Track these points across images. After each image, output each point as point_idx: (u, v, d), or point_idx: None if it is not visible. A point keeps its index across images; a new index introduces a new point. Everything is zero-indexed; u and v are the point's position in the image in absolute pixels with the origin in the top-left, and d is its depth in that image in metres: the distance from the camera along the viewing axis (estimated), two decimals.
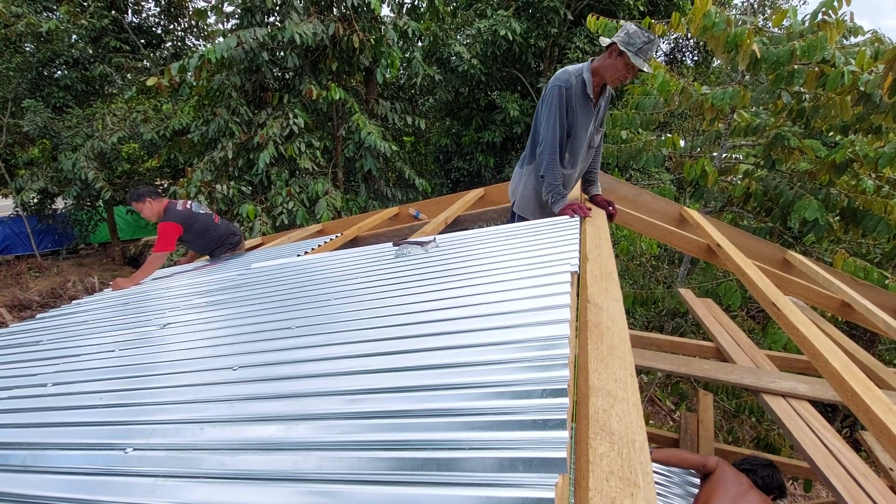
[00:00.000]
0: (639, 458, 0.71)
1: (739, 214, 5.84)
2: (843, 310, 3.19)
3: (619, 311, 1.27)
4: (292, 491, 0.74)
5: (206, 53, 7.15)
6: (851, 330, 5.51)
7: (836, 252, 4.75)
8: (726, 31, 4.23)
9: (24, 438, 1.14)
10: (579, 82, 2.31)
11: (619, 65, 2.20)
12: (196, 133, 8.46)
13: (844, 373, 1.43)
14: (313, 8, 8.10)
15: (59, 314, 2.54)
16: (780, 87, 4.45)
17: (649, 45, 2.12)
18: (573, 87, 2.30)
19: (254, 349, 1.34)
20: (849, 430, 5.69)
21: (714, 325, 3.81)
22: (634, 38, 2.11)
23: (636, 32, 2.11)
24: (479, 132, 11.52)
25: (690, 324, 7.33)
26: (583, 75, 2.31)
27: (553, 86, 2.31)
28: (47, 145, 11.71)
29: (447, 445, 0.74)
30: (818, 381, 2.76)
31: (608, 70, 2.26)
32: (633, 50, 2.12)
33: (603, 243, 1.88)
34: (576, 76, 2.31)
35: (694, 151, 6.61)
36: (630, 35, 2.12)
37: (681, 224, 3.60)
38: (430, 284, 1.55)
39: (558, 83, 2.30)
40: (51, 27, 10.35)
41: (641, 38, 2.11)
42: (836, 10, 4.14)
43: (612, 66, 2.23)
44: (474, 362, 0.97)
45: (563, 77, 2.30)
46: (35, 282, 11.96)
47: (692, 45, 14.08)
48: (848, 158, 4.51)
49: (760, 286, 2.15)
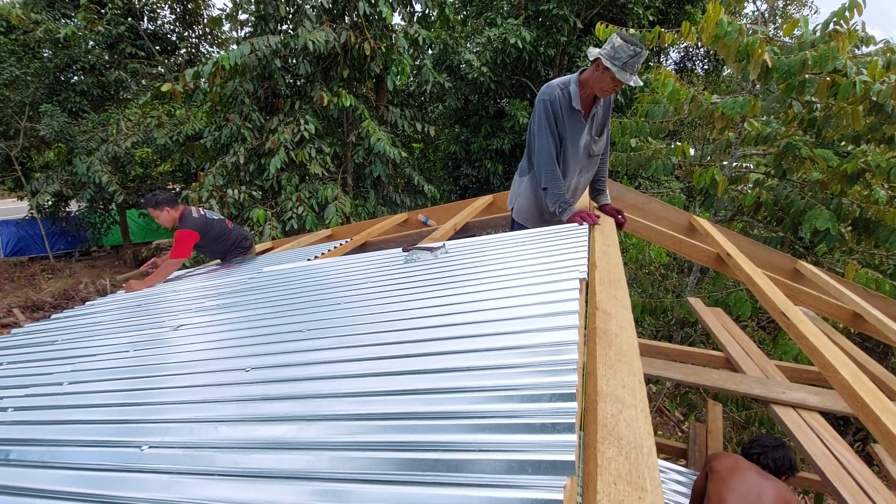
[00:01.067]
0: (646, 462, 0.72)
1: (750, 224, 5.81)
2: (854, 321, 3.15)
3: (627, 318, 1.27)
4: (304, 490, 0.75)
5: (220, 60, 7.27)
6: (863, 341, 5.44)
7: (847, 263, 4.70)
8: (738, 40, 4.23)
9: (42, 435, 1.17)
10: (565, 95, 2.33)
11: (605, 78, 2.20)
12: (209, 138, 8.58)
13: (856, 384, 1.42)
14: (326, 16, 8.21)
15: (74, 315, 2.59)
16: (791, 96, 4.44)
17: (636, 58, 2.09)
18: (558, 99, 2.32)
19: (266, 351, 1.36)
20: (860, 442, 5.60)
21: (724, 334, 3.78)
22: (620, 52, 2.09)
23: (622, 46, 2.09)
24: (488, 139, 11.56)
25: (700, 333, 7.26)
26: (569, 88, 2.33)
27: (539, 100, 2.35)
28: (63, 149, 11.93)
29: (457, 447, 0.75)
30: (829, 393, 2.73)
31: (595, 83, 2.26)
32: (619, 64, 2.10)
33: (612, 251, 1.89)
34: (561, 89, 2.33)
35: (704, 160, 6.58)
36: (616, 49, 2.10)
37: (690, 233, 3.59)
38: (440, 289, 1.56)
39: (543, 97, 2.33)
40: (68, 33, 10.58)
41: (627, 52, 2.08)
42: (847, 20, 4.12)
43: (598, 79, 2.23)
44: (483, 366, 0.98)
45: (548, 91, 2.33)
46: (48, 283, 12.14)
47: (702, 53, 14.06)
48: (860, 168, 4.48)
49: (771, 296, 2.14)
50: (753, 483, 2.18)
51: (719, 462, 2.36)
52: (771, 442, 2.47)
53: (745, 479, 2.21)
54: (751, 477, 2.22)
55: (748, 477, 2.22)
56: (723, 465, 2.32)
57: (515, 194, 2.73)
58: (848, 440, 5.10)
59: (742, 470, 2.26)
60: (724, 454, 2.46)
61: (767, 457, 2.37)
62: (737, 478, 2.22)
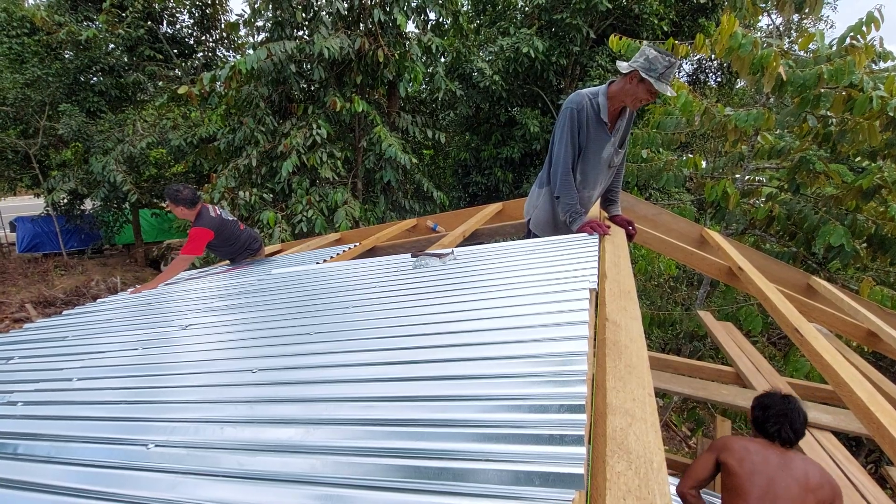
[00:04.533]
0: (656, 478, 0.71)
1: (762, 238, 5.74)
2: (869, 339, 3.09)
3: (637, 329, 1.26)
4: (308, 494, 0.75)
5: (237, 64, 7.36)
6: (878, 361, 5.33)
7: (862, 280, 4.62)
8: (752, 52, 4.21)
9: (50, 430, 1.17)
10: (594, 106, 2.31)
11: (640, 91, 2.17)
12: (222, 141, 8.69)
13: (871, 404, 1.39)
14: (341, 23, 8.30)
15: (85, 311, 2.61)
16: (805, 110, 4.40)
17: (671, 68, 2.10)
18: (586, 109, 2.30)
19: (273, 353, 1.36)
20: (874, 465, 5.47)
21: (734, 349, 3.73)
22: (655, 63, 2.08)
23: (656, 58, 2.08)
24: (498, 147, 11.58)
25: (709, 347, 7.18)
26: (598, 99, 2.30)
27: (565, 108, 2.33)
28: (80, 148, 12.14)
29: (462, 456, 0.75)
30: (842, 412, 2.67)
31: (628, 95, 2.23)
32: (655, 76, 2.09)
33: (622, 262, 1.87)
34: (590, 99, 2.31)
35: (716, 172, 6.54)
36: (650, 61, 2.09)
37: (701, 245, 3.55)
38: (448, 296, 1.56)
39: (571, 106, 2.30)
40: (90, 35, 10.80)
41: (663, 63, 2.08)
42: (864, 35, 4.09)
43: (632, 91, 2.21)
44: (491, 374, 0.97)
45: (576, 100, 2.31)
46: (60, 279, 12.29)
47: (715, 66, 14.00)
48: (876, 184, 4.42)
49: (783, 311, 2.11)
50: (784, 479, 1.84)
51: (731, 456, 1.98)
52: (783, 406, 2.05)
53: (774, 482, 1.86)
54: (776, 472, 1.87)
55: (776, 477, 1.86)
56: (741, 467, 1.93)
57: (533, 206, 2.72)
58: (860, 461, 4.98)
59: (765, 470, 1.89)
60: (736, 444, 2.02)
61: (791, 429, 1.99)
62: (761, 483, 1.86)
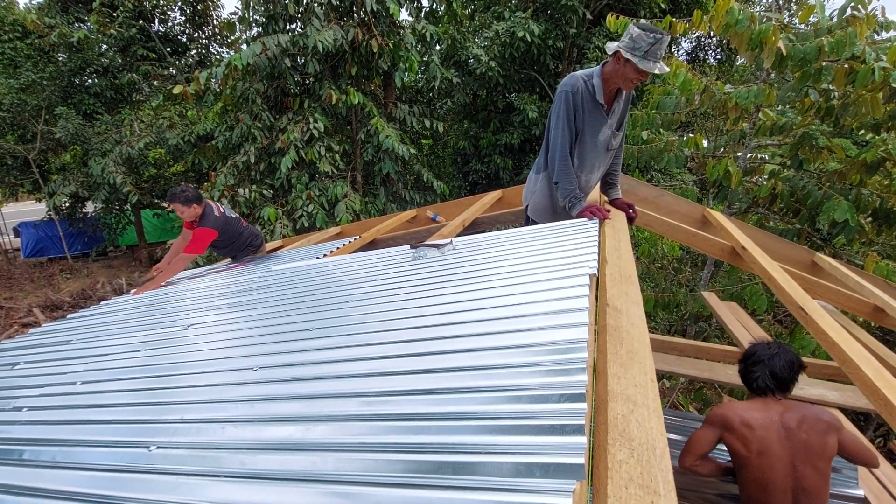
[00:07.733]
0: (659, 465, 0.70)
1: (765, 216, 5.70)
2: (875, 314, 3.07)
3: (639, 314, 1.25)
4: (310, 491, 0.74)
5: (232, 60, 7.30)
6: (885, 335, 5.31)
7: (867, 255, 4.59)
8: (750, 28, 4.13)
9: (55, 435, 1.18)
10: (589, 88, 2.26)
11: (628, 71, 2.11)
12: (220, 139, 8.66)
13: (877, 380, 1.38)
14: (333, 14, 8.21)
15: (89, 314, 2.62)
16: (807, 84, 4.33)
17: (657, 45, 2.00)
18: (581, 91, 2.25)
19: (274, 350, 1.36)
20: (882, 438, 5.48)
21: (739, 329, 3.72)
22: (639, 41, 2.00)
23: (640, 35, 2.00)
24: (497, 134, 11.49)
25: (714, 328, 7.17)
26: (593, 80, 2.26)
27: (560, 91, 2.28)
28: (78, 151, 12.14)
29: (463, 449, 0.74)
30: (849, 389, 2.67)
31: (618, 76, 2.18)
32: (640, 54, 2.02)
33: (622, 246, 1.85)
34: (585, 81, 2.26)
35: (717, 152, 6.47)
36: (634, 39, 2.02)
37: (704, 226, 3.52)
38: (447, 287, 1.55)
39: (566, 88, 2.26)
40: (81, 37, 10.73)
41: (647, 41, 1.99)
42: (865, 5, 4.01)
43: (620, 72, 2.15)
44: (491, 365, 0.97)
45: (571, 82, 2.26)
46: (66, 283, 12.38)
47: (715, 43, 13.79)
48: (880, 157, 4.36)
49: (787, 289, 2.09)
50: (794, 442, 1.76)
51: (735, 436, 1.84)
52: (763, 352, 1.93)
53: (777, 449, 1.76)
54: (778, 436, 1.78)
55: (776, 444, 1.77)
56: (749, 450, 1.81)
57: (530, 192, 2.69)
58: (869, 436, 4.99)
59: (767, 437, 1.79)
60: (735, 419, 1.86)
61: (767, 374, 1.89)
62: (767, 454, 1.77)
